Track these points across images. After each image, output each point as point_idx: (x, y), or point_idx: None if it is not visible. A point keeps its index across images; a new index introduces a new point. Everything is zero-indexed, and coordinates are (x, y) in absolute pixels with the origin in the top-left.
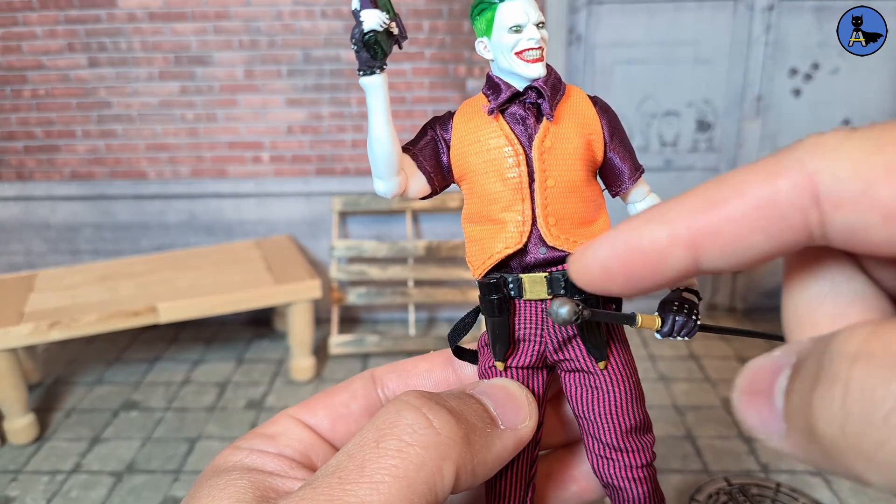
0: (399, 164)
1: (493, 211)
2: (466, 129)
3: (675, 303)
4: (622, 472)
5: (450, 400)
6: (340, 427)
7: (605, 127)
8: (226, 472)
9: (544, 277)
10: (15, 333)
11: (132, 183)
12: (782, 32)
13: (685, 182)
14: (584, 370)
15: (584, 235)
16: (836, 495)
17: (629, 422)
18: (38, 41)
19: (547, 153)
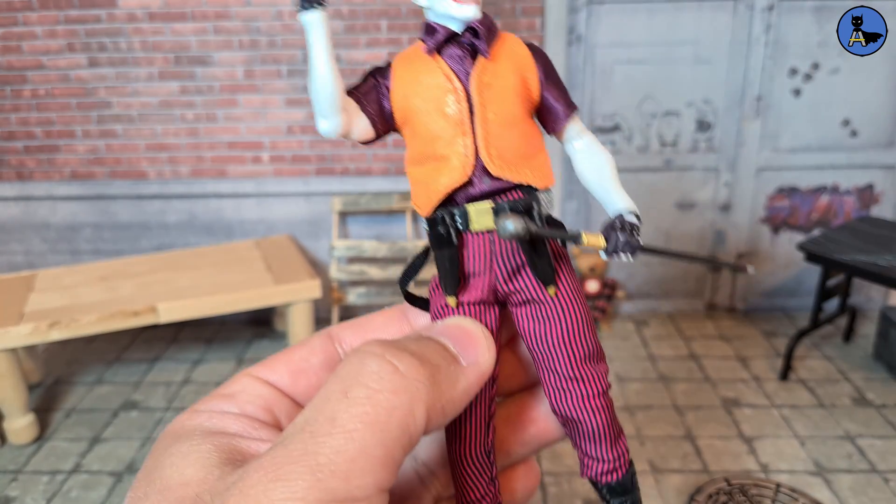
0: (342, 103)
1: (436, 148)
2: (407, 72)
3: (617, 223)
4: (579, 403)
5: (410, 344)
6: (301, 381)
7: (540, 67)
8: (186, 438)
9: (490, 207)
10: (15, 333)
11: (132, 183)
12: (782, 32)
13: (685, 182)
14: (534, 300)
15: (526, 166)
16: (837, 495)
17: (582, 350)
18: (39, 41)
19: (485, 88)
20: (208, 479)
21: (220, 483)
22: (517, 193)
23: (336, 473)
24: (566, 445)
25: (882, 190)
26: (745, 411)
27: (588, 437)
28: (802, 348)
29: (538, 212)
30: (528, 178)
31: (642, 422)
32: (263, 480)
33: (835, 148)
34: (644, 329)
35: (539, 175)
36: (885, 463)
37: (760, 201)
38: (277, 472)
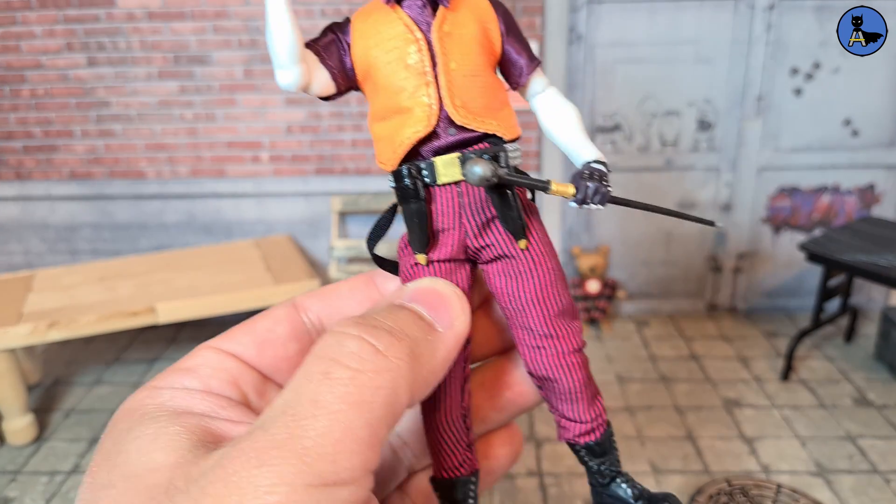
0: (301, 54)
1: (399, 100)
2: (365, 25)
3: (586, 171)
4: (554, 360)
5: (384, 319)
6: (267, 352)
7: (501, 20)
8: (151, 419)
9: (457, 158)
10: (14, 334)
11: (131, 183)
12: (783, 32)
13: (686, 181)
14: (505, 255)
15: (492, 118)
16: (838, 496)
17: (555, 305)
18: (37, 41)
19: (447, 38)
20: (181, 464)
21: (195, 468)
22: (484, 144)
23: (323, 456)
24: (565, 446)
25: (883, 190)
26: (746, 412)
27: (564, 396)
28: (803, 349)
29: (506, 161)
30: (494, 128)
31: (643, 422)
32: (247, 466)
33: (836, 148)
34: (645, 329)
35: (505, 126)
36: (887, 463)
37: (761, 201)
38: (261, 458)
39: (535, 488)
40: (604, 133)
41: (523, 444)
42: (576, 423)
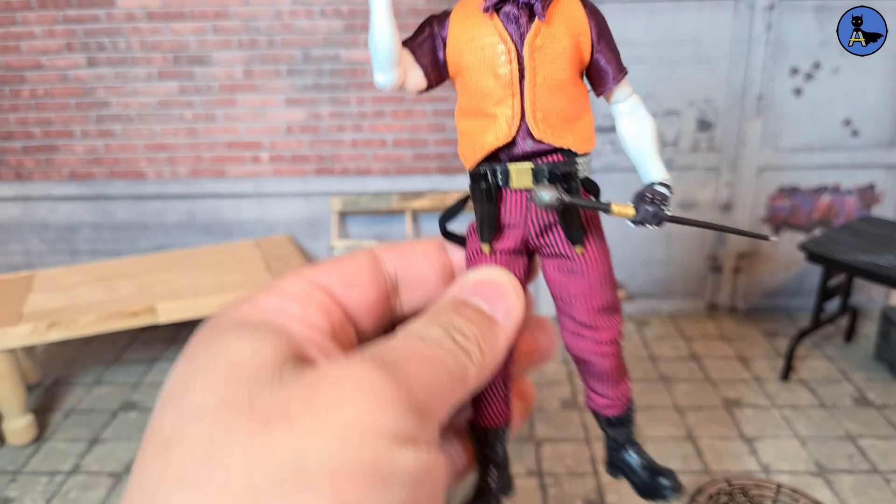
0: (399, 58)
1: (485, 105)
2: (463, 27)
3: (647, 195)
4: (590, 347)
5: (463, 320)
6: (353, 293)
7: (594, 28)
8: (252, 326)
9: (530, 168)
10: (13, 334)
11: (131, 183)
12: (783, 32)
13: (686, 181)
14: (562, 255)
15: (569, 131)
16: (838, 496)
17: (599, 302)
18: (37, 41)
19: (537, 52)
20: (282, 366)
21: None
22: (557, 157)
23: (419, 398)
24: (565, 446)
25: (883, 190)
26: (746, 412)
27: (595, 375)
28: (803, 348)
29: (575, 175)
30: (569, 143)
31: (643, 422)
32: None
33: (836, 147)
34: (645, 329)
35: (580, 139)
36: (887, 463)
37: (761, 201)
38: (368, 382)
39: (535, 488)
40: (604, 133)
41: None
42: (601, 397)
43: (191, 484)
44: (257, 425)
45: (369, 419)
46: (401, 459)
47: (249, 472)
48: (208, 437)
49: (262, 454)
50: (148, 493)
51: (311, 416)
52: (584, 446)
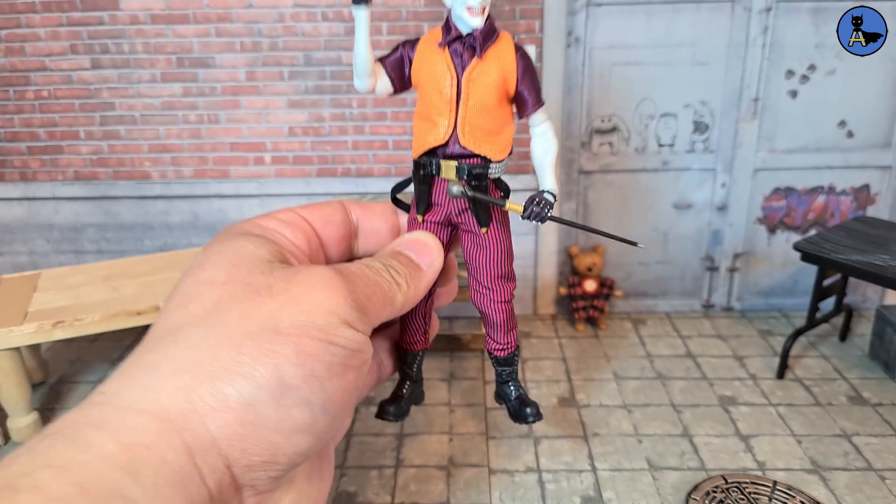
0: (373, 70)
1: (431, 114)
2: (425, 54)
3: (536, 199)
4: (489, 303)
5: (399, 261)
6: (328, 230)
7: (520, 69)
8: (255, 236)
9: (454, 165)
10: (18, 333)
11: (135, 184)
12: (779, 34)
13: (682, 183)
14: (473, 232)
15: (488, 143)
16: (833, 493)
17: (498, 271)
18: (41, 43)
19: (472, 82)
20: (273, 261)
21: (282, 268)
22: (477, 160)
23: (363, 300)
24: (564, 443)
25: (878, 191)
26: (741, 409)
27: (491, 325)
28: (799, 347)
29: (485, 176)
30: (486, 152)
31: (640, 420)
32: (322, 278)
33: (831, 149)
34: (641, 328)
35: (496, 150)
36: (882, 461)
37: (757, 202)
38: (331, 281)
39: (533, 484)
40: (601, 135)
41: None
42: (494, 342)
43: (202, 323)
44: (250, 295)
45: (326, 302)
46: (342, 332)
47: (242, 321)
48: (217, 298)
49: (252, 312)
50: (170, 328)
51: (287, 294)
52: (582, 443)
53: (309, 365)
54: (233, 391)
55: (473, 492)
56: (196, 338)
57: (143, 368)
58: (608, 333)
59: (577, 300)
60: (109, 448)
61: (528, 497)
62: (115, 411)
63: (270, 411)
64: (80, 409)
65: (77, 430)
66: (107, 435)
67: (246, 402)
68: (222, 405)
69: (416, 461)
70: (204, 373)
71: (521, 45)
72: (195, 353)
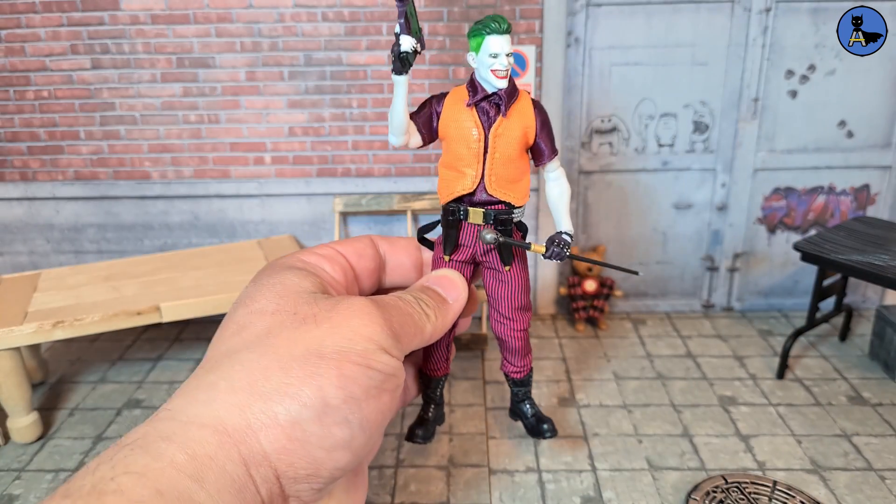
0: (407, 128)
1: (458, 165)
2: (452, 110)
3: (556, 240)
4: (507, 331)
5: (429, 296)
6: (361, 263)
7: (538, 123)
8: (298, 269)
9: (482, 212)
10: (18, 333)
11: (135, 184)
12: (779, 34)
13: (682, 183)
14: (496, 269)
15: (511, 190)
16: (833, 493)
17: (517, 303)
18: (42, 43)
19: (498, 137)
20: (316, 292)
21: (324, 298)
22: (501, 206)
23: (396, 329)
24: (564, 443)
25: (878, 191)
26: (741, 409)
27: (508, 350)
28: (799, 347)
29: (510, 220)
30: (510, 198)
31: (640, 419)
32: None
33: (831, 149)
34: (641, 328)
35: (518, 196)
36: (882, 461)
37: (757, 202)
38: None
39: (533, 484)
40: (601, 135)
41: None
42: (511, 365)
43: (255, 347)
44: (297, 323)
45: (365, 330)
46: (379, 357)
47: (290, 346)
48: (268, 326)
49: (299, 338)
50: (226, 352)
51: (330, 322)
52: (582, 443)
53: (349, 387)
54: (282, 410)
55: (473, 492)
56: (250, 360)
57: (203, 387)
58: (608, 333)
59: (577, 300)
60: (179, 457)
61: (528, 497)
62: (181, 425)
63: (314, 429)
64: (150, 423)
65: (149, 441)
66: (175, 446)
67: (293, 420)
68: (273, 422)
69: (416, 461)
70: (257, 392)
71: (538, 100)
72: (249, 374)
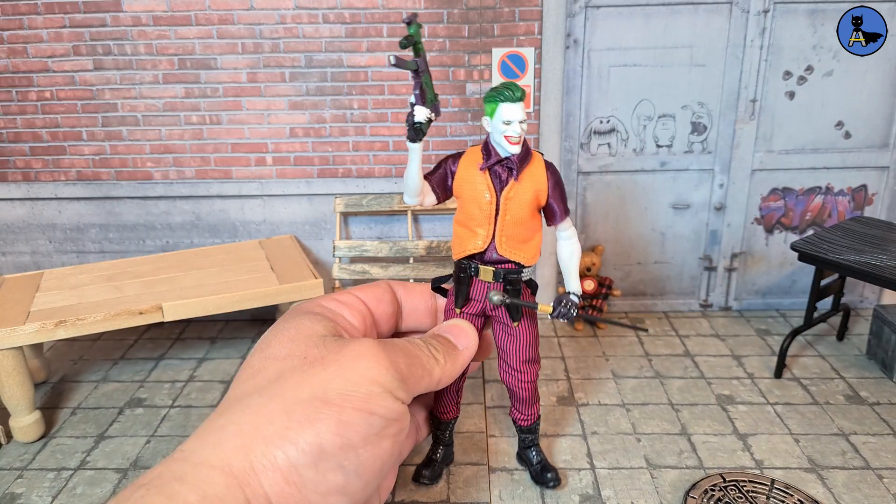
0: (421, 189)
1: (471, 223)
2: (467, 171)
3: (563, 300)
4: (515, 382)
5: (439, 344)
6: (379, 308)
7: (550, 185)
8: (317, 314)
9: (492, 270)
10: (21, 332)
11: (137, 184)
12: (776, 36)
13: (680, 183)
14: (506, 324)
15: (521, 250)
16: (831, 492)
17: (525, 356)
18: (44, 44)
19: (509, 200)
20: (328, 335)
21: (336, 340)
22: (511, 265)
23: (404, 373)
24: (562, 441)
25: (876, 191)
26: (739, 408)
27: (516, 399)
28: (796, 346)
29: (519, 280)
30: (519, 259)
31: (638, 418)
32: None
33: (829, 149)
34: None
35: (527, 256)
36: (879, 460)
37: (755, 202)
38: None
39: (532, 482)
40: (599, 136)
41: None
42: (519, 412)
43: (264, 391)
44: (306, 366)
45: (370, 372)
46: (382, 402)
47: (297, 389)
48: (279, 370)
49: (306, 382)
50: (239, 396)
51: (337, 364)
52: (580, 442)
53: (346, 434)
54: (280, 454)
55: (473, 490)
56: (258, 405)
57: (213, 430)
58: (607, 333)
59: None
60: (190, 498)
61: (528, 495)
62: (192, 467)
63: (310, 474)
64: (165, 464)
65: (164, 482)
66: (188, 487)
67: (290, 465)
68: (272, 465)
69: (416, 460)
70: (259, 435)
71: (551, 163)
72: (255, 417)
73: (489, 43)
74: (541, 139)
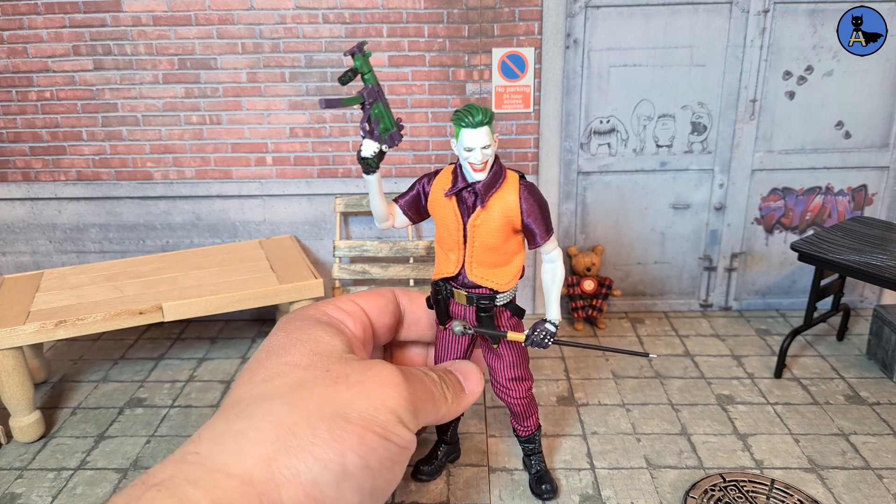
0: (388, 214)
1: (444, 247)
2: (437, 193)
3: (538, 328)
4: (508, 398)
5: (446, 376)
6: (380, 318)
7: (524, 210)
8: (326, 324)
9: (465, 294)
10: (21, 332)
11: (137, 184)
12: (776, 36)
13: (680, 183)
14: (487, 345)
15: (494, 275)
16: (831, 492)
17: (512, 373)
18: (44, 44)
19: (475, 227)
20: (346, 352)
21: (356, 360)
22: (485, 290)
23: (417, 403)
24: (562, 441)
25: (876, 191)
26: (739, 408)
27: (512, 413)
28: (796, 346)
29: (492, 306)
30: (492, 284)
31: (638, 418)
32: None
33: (829, 149)
34: (639, 327)
35: (502, 282)
36: (879, 460)
37: (755, 202)
38: (390, 376)
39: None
40: (599, 136)
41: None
42: (517, 424)
43: (287, 399)
44: (329, 381)
45: (391, 402)
46: (398, 431)
47: (320, 404)
48: (301, 379)
49: (330, 398)
50: (257, 397)
51: (361, 386)
52: (580, 441)
53: (368, 457)
54: (304, 468)
55: (473, 491)
56: (281, 412)
57: (232, 435)
58: (606, 333)
59: (576, 300)
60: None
61: (528, 495)
62: (208, 472)
63: (330, 491)
64: (177, 465)
65: (176, 484)
66: (201, 492)
67: (313, 481)
68: (294, 479)
69: (416, 460)
70: (283, 447)
71: (530, 185)
72: (278, 427)
73: (489, 43)
74: (541, 139)
